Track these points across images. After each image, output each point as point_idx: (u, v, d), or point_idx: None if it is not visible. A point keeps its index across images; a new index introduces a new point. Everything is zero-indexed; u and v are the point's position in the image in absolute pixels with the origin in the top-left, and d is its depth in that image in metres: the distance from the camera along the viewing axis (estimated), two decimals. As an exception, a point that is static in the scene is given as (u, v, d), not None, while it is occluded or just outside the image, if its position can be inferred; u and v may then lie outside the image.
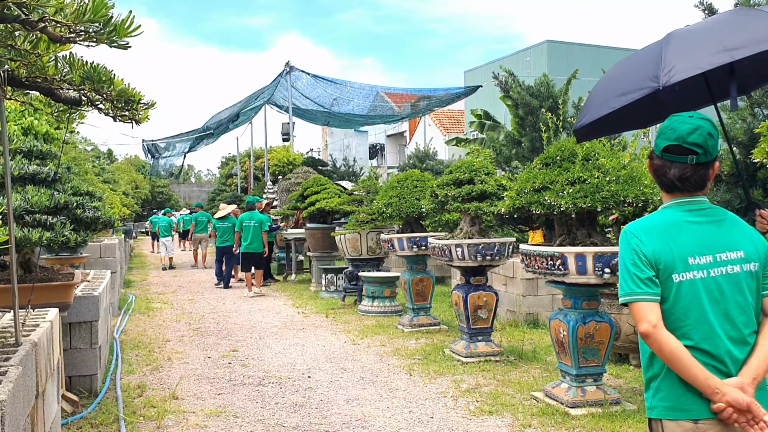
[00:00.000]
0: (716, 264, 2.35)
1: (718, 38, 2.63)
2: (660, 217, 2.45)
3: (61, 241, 5.23)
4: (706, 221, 2.41)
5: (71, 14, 2.22)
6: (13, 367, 2.69)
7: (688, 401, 2.32)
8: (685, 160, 2.39)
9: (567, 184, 5.48)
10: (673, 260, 2.34)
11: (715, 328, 2.31)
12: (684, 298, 2.33)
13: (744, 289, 2.36)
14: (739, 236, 2.40)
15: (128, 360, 7.67)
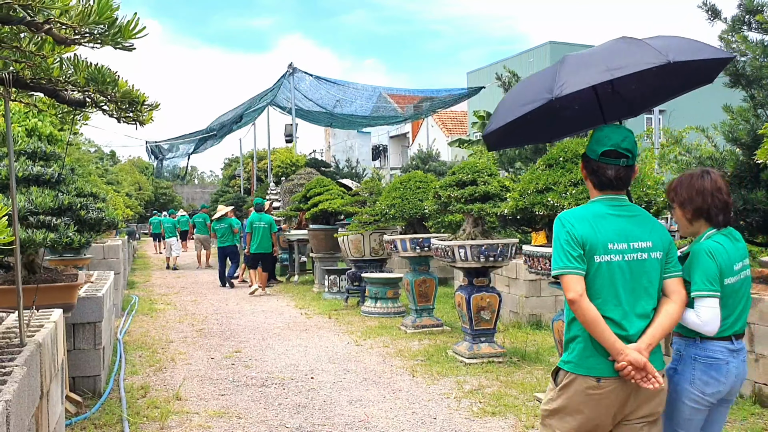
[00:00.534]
0: (630, 251, 2.85)
1: (604, 61, 3.09)
2: (588, 209, 2.94)
3: (65, 242, 5.25)
4: (624, 215, 2.91)
5: (76, 16, 2.23)
6: (18, 368, 2.70)
7: (594, 362, 2.81)
8: (618, 163, 2.90)
9: (570, 185, 5.48)
10: (596, 244, 2.83)
11: (623, 303, 2.81)
12: (602, 275, 2.82)
13: (650, 273, 2.87)
14: (649, 229, 2.90)
15: (132, 361, 7.68)
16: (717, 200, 3.12)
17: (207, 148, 27.21)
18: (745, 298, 3.14)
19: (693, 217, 3.19)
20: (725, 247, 3.08)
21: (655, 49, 3.06)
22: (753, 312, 5.57)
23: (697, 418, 3.06)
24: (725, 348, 3.02)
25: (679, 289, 2.92)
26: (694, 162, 6.54)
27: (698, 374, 3.03)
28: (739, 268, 3.11)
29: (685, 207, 3.19)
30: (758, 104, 6.44)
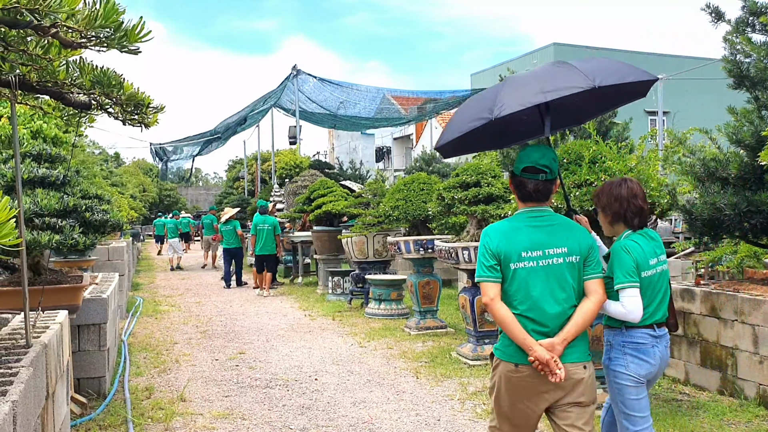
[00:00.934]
0: (544, 257, 3.18)
1: (539, 84, 3.43)
2: (507, 222, 3.31)
3: (70, 244, 5.26)
4: (542, 225, 3.23)
5: (83, 20, 2.25)
6: (24, 368, 2.71)
7: (513, 350, 3.18)
8: (537, 177, 3.22)
9: (574, 186, 5.49)
10: (510, 253, 3.18)
11: (539, 303, 3.15)
12: (518, 280, 3.17)
13: (566, 275, 3.17)
14: (566, 236, 3.21)
15: (136, 362, 7.70)
16: (632, 205, 3.54)
17: (212, 150, 27.25)
18: (663, 291, 3.53)
19: (613, 220, 3.63)
20: (641, 245, 3.48)
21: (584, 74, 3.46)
22: (757, 314, 5.58)
23: (642, 396, 3.44)
24: (648, 334, 3.44)
25: (597, 289, 3.21)
26: (698, 164, 6.52)
27: (630, 359, 3.42)
28: (655, 263, 3.51)
29: (606, 211, 3.64)
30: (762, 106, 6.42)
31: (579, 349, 3.20)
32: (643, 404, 3.44)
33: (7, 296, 4.86)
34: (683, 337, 6.42)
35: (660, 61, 31.62)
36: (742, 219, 6.00)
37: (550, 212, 3.29)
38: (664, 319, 3.52)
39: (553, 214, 3.31)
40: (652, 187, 5.48)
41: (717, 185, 6.34)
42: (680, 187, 8.10)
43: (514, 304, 3.18)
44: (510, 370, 3.20)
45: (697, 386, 6.24)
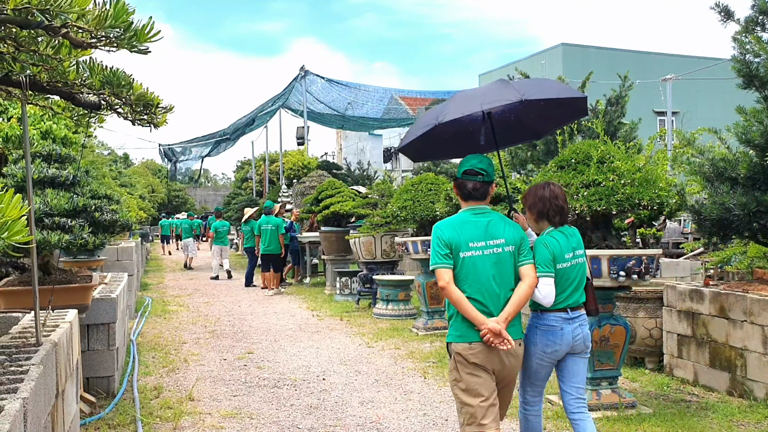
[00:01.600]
0: (487, 247, 3.70)
1: (479, 98, 4.18)
2: (456, 218, 3.85)
3: (79, 244, 5.30)
4: (483, 220, 3.77)
5: (93, 20, 2.27)
6: (35, 366, 2.73)
7: (466, 331, 3.67)
8: (476, 179, 3.80)
9: (582, 186, 5.48)
10: (460, 243, 3.68)
11: (483, 286, 3.66)
12: (465, 266, 3.68)
13: (504, 263, 3.72)
14: (503, 229, 3.76)
15: (145, 362, 7.73)
16: (554, 205, 4.05)
17: (221, 151, 27.35)
18: (577, 280, 4.03)
19: (537, 218, 4.13)
20: (558, 240, 3.98)
21: (516, 90, 4.15)
22: (766, 315, 5.56)
23: (543, 371, 4.03)
24: (560, 317, 3.94)
25: (529, 273, 3.77)
26: (707, 164, 6.50)
27: (539, 338, 3.95)
28: (570, 257, 4.00)
29: (532, 210, 4.14)
30: (772, 106, 6.40)
31: (517, 328, 3.78)
32: (542, 374, 4.06)
33: (17, 295, 4.89)
34: (692, 338, 6.40)
35: (668, 62, 31.50)
36: (752, 219, 5.98)
37: (489, 210, 3.89)
38: (577, 304, 4.04)
39: (491, 211, 3.88)
40: (660, 187, 5.46)
41: (726, 185, 6.32)
42: (689, 187, 8.07)
43: (463, 288, 3.68)
44: (464, 348, 3.69)
45: (706, 387, 6.22)
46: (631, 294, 7.04)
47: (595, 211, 5.33)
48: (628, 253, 5.34)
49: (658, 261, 5.50)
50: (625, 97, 11.47)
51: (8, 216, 1.65)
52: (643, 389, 6.37)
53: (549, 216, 4.08)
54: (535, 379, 4.07)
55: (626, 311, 7.03)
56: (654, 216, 8.00)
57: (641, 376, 6.84)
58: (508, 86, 4.26)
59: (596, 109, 11.58)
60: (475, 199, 3.84)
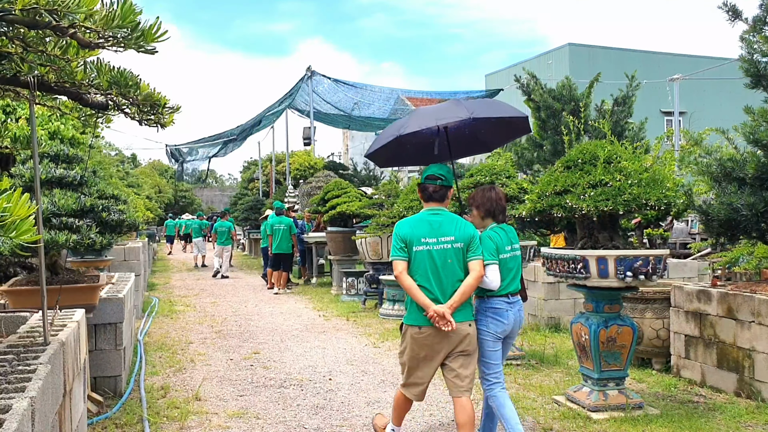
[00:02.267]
0: (438, 243, 4.31)
1: (435, 114, 4.99)
2: (415, 217, 4.52)
3: (87, 244, 5.31)
4: (437, 219, 4.39)
5: (100, 20, 2.27)
6: (42, 365, 2.74)
7: (417, 315, 4.29)
8: (435, 183, 4.45)
9: (589, 187, 5.46)
10: (413, 239, 4.32)
11: (431, 277, 4.27)
12: (417, 259, 4.31)
13: (452, 257, 4.31)
14: (453, 228, 4.36)
15: (152, 361, 7.75)
16: (499, 205, 4.77)
17: (228, 152, 27.38)
18: (514, 270, 4.70)
19: (484, 216, 4.79)
20: (499, 235, 4.67)
21: (466, 108, 4.96)
22: (775, 315, 5.53)
23: (496, 348, 4.59)
24: (503, 301, 4.57)
25: (476, 267, 4.33)
26: (715, 164, 6.47)
27: (489, 320, 4.54)
28: (509, 250, 4.68)
29: (480, 209, 4.80)
30: (780, 105, 6.37)
31: (466, 312, 4.37)
32: (497, 355, 4.60)
33: (25, 295, 4.92)
34: (699, 339, 6.38)
35: (676, 61, 31.38)
36: (760, 219, 5.96)
37: (445, 211, 4.48)
38: (516, 291, 4.68)
39: (447, 212, 4.48)
40: (667, 187, 5.43)
41: (734, 185, 6.29)
42: (696, 187, 8.04)
43: (415, 277, 4.30)
44: (415, 332, 4.33)
45: (714, 388, 6.19)
46: (638, 294, 7.02)
47: (602, 211, 5.31)
48: (635, 253, 5.32)
49: (666, 261, 5.47)
50: (632, 96, 11.44)
51: (16, 215, 1.65)
52: (650, 390, 6.35)
53: (494, 214, 4.79)
54: (492, 360, 4.60)
55: (633, 312, 7.01)
56: (661, 216, 7.98)
57: (648, 377, 6.82)
58: (460, 105, 5.13)
59: (603, 108, 11.55)
60: (434, 201, 4.51)
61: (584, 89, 12.31)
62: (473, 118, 4.95)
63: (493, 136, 5.79)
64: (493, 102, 5.51)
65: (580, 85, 12.75)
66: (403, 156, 5.44)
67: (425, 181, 4.51)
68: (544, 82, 12.69)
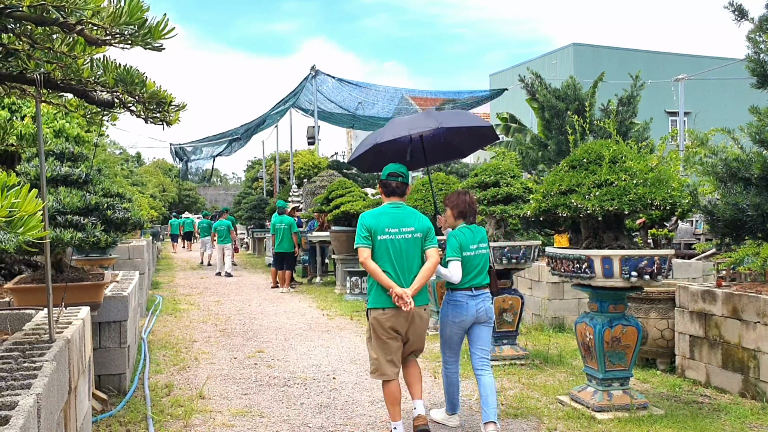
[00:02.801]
0: (400, 233, 4.88)
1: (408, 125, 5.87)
2: (378, 209, 5.05)
3: (92, 242, 5.32)
4: (399, 213, 4.97)
5: (108, 17, 2.28)
6: (48, 362, 2.75)
7: (380, 298, 4.84)
8: (397, 179, 5.06)
9: (594, 186, 5.44)
10: (377, 229, 4.87)
11: (394, 263, 4.84)
12: (380, 247, 4.86)
13: (413, 246, 4.90)
14: (414, 220, 4.95)
15: (156, 360, 7.76)
16: (471, 208, 5.39)
17: (233, 151, 27.38)
18: (480, 266, 5.23)
19: (457, 216, 5.39)
20: (466, 234, 5.26)
21: (435, 119, 5.81)
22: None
23: (455, 337, 5.27)
24: (466, 295, 5.15)
25: (432, 255, 4.93)
26: (720, 164, 6.45)
27: (449, 311, 5.21)
28: (475, 248, 5.23)
29: (454, 210, 5.40)
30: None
31: (423, 297, 4.95)
32: (455, 339, 5.30)
33: (30, 293, 4.93)
34: (704, 339, 6.36)
35: (679, 62, 31.32)
36: (765, 220, 5.93)
37: (405, 205, 5.07)
38: (480, 284, 5.22)
39: (407, 207, 5.07)
40: (672, 187, 5.42)
41: (739, 185, 6.27)
42: (701, 187, 8.01)
43: (378, 262, 4.84)
44: (379, 313, 4.84)
45: (719, 388, 6.18)
46: (643, 294, 7.00)
47: (607, 210, 5.29)
48: (640, 253, 5.31)
49: (671, 261, 5.46)
50: (636, 96, 11.41)
51: (24, 211, 1.66)
52: (655, 390, 6.34)
53: (466, 215, 5.39)
54: (450, 343, 5.33)
55: (638, 312, 6.99)
56: (666, 216, 7.96)
57: (652, 377, 6.81)
58: (430, 116, 5.98)
59: (608, 108, 11.53)
60: (396, 195, 5.07)
61: (588, 89, 12.28)
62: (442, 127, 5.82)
63: (465, 144, 6.58)
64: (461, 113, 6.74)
65: (584, 85, 12.73)
66: (382, 162, 5.75)
67: (388, 178, 5.09)
68: (548, 82, 12.67)
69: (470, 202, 5.40)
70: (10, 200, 1.60)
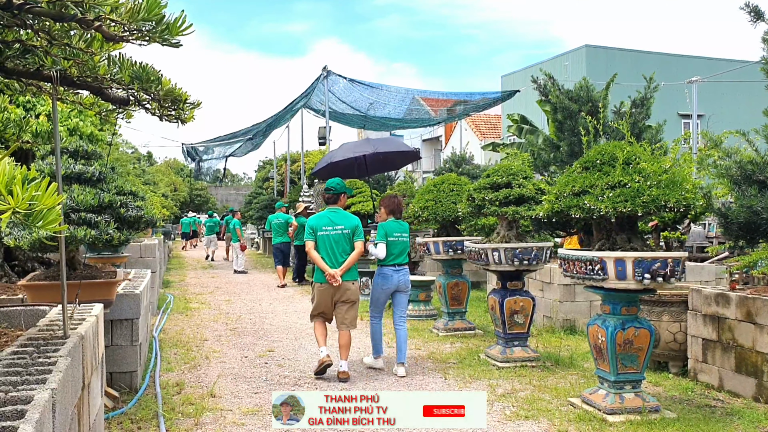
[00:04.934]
0: (334, 230, 6.86)
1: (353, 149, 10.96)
2: (320, 213, 7.12)
3: (105, 239, 5.34)
4: (333, 215, 6.98)
5: (126, 13, 2.28)
6: (62, 358, 2.76)
7: (319, 276, 6.90)
8: (329, 192, 7.11)
9: (607, 188, 5.41)
10: (318, 227, 6.91)
11: (328, 251, 6.83)
12: (320, 240, 6.87)
13: (342, 239, 6.88)
14: (344, 220, 6.93)
15: (167, 358, 7.79)
16: (398, 207, 7.54)
17: (246, 152, 27.46)
18: (400, 248, 7.28)
19: (388, 213, 7.50)
20: (392, 225, 7.33)
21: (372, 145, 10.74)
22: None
23: (381, 299, 7.34)
24: (391, 269, 7.23)
25: (358, 246, 6.94)
26: (735, 166, 6.41)
27: (379, 280, 7.26)
28: (398, 236, 7.29)
29: (386, 208, 7.52)
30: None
31: (351, 275, 6.95)
32: (381, 301, 7.38)
33: (44, 289, 4.95)
34: (717, 343, 6.32)
35: (692, 64, 31.13)
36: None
37: (339, 210, 7.10)
38: (401, 263, 7.31)
39: (341, 211, 7.08)
40: (686, 189, 5.37)
41: (754, 188, 6.22)
42: (715, 190, 7.96)
43: (319, 252, 6.89)
44: (318, 285, 6.96)
45: (732, 392, 6.13)
46: (656, 297, 6.96)
47: (620, 212, 5.26)
48: (654, 255, 5.28)
49: (684, 264, 5.42)
50: (650, 98, 11.34)
51: (44, 204, 1.66)
52: (667, 394, 6.30)
53: (394, 212, 7.54)
54: (377, 303, 7.37)
55: (650, 315, 6.95)
56: (678, 219, 7.90)
57: (665, 381, 6.77)
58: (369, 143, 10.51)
59: (621, 110, 11.47)
60: (331, 203, 7.14)
61: (601, 90, 12.22)
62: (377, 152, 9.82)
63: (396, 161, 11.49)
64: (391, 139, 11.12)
65: (596, 87, 12.67)
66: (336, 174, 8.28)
67: (325, 191, 7.26)
68: (561, 84, 12.61)
69: (398, 203, 7.57)
70: (30, 193, 1.61)
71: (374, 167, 10.87)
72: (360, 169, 10.86)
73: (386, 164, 11.26)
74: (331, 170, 9.56)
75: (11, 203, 1.57)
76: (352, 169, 10.82)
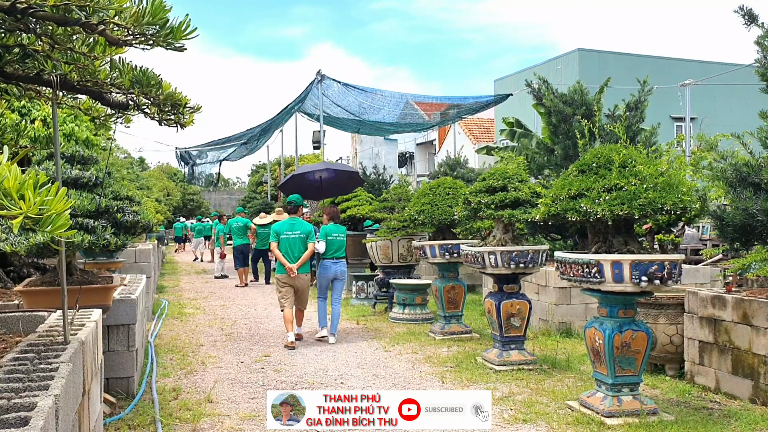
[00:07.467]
0: (292, 234, 9.08)
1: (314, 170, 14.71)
2: (283, 221, 9.44)
3: (102, 244, 5.33)
4: (293, 222, 9.26)
5: (131, 17, 2.28)
6: (64, 364, 2.74)
7: (281, 269, 9.10)
8: (289, 205, 9.61)
9: (603, 191, 5.42)
10: (281, 231, 9.12)
11: (288, 251, 9.02)
12: (282, 242, 9.07)
13: (298, 242, 9.07)
14: (300, 227, 9.18)
15: (163, 363, 7.76)
16: (336, 215, 9.90)
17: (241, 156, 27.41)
18: (336, 246, 9.41)
19: (329, 219, 9.69)
20: (332, 228, 9.49)
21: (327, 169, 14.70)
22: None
23: (323, 284, 9.48)
24: (330, 262, 9.38)
25: (309, 246, 9.01)
26: (730, 169, 6.44)
27: (321, 270, 9.45)
28: (336, 236, 9.41)
29: (328, 215, 9.81)
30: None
31: (304, 269, 9.10)
32: (324, 286, 9.45)
33: (41, 295, 4.93)
34: (714, 345, 6.34)
35: (686, 67, 31.29)
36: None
37: (298, 219, 9.30)
38: (338, 257, 9.37)
39: (298, 219, 9.29)
40: (683, 192, 5.38)
41: (749, 191, 6.25)
42: (710, 192, 7.99)
43: (281, 251, 8.90)
44: (281, 277, 9.02)
45: (728, 394, 6.15)
46: (652, 300, 6.98)
47: (617, 215, 5.27)
48: (651, 258, 5.29)
49: (681, 267, 5.44)
50: (644, 101, 11.38)
51: (54, 209, 1.66)
52: (664, 396, 6.32)
53: (334, 218, 9.66)
54: (321, 288, 9.45)
55: (647, 317, 6.97)
56: (672, 222, 7.93)
57: (662, 383, 6.78)
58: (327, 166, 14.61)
59: (615, 114, 11.51)
60: (291, 213, 9.36)
61: (595, 94, 12.24)
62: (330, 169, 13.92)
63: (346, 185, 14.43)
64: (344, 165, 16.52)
65: (591, 90, 12.69)
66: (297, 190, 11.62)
67: (287, 204, 9.61)
68: (555, 87, 12.64)
69: (336, 212, 10.00)
70: (41, 198, 1.60)
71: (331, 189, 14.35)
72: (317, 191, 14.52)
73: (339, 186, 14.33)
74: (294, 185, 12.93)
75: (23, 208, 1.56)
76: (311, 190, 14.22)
